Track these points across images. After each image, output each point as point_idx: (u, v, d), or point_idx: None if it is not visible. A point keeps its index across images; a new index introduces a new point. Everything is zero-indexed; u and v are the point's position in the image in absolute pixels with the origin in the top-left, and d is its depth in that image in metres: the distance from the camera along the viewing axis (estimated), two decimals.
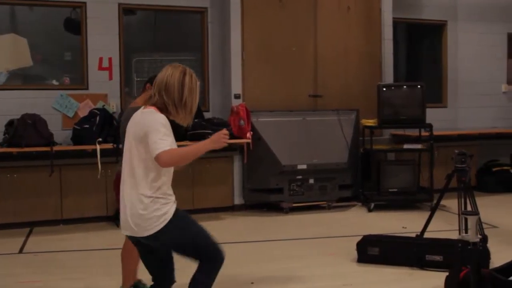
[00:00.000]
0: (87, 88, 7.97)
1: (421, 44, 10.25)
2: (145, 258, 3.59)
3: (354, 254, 5.78)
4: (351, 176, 8.40)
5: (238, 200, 8.28)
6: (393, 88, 8.53)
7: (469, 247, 4.11)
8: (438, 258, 5.40)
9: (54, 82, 7.99)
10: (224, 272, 3.59)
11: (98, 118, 7.38)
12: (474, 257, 4.09)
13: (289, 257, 5.95)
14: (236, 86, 8.26)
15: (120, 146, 4.32)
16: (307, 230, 7.22)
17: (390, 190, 8.35)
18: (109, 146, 7.27)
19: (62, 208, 7.50)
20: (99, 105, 7.91)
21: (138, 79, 8.52)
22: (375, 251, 5.62)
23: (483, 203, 8.31)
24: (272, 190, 8.07)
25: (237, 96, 8.26)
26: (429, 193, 8.23)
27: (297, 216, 7.96)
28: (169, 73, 3.47)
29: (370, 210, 8.11)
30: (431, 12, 9.77)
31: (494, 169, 9.62)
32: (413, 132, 8.77)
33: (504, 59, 10.23)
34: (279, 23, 8.49)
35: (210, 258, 3.46)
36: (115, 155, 7.33)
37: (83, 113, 7.82)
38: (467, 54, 9.99)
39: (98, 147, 7.18)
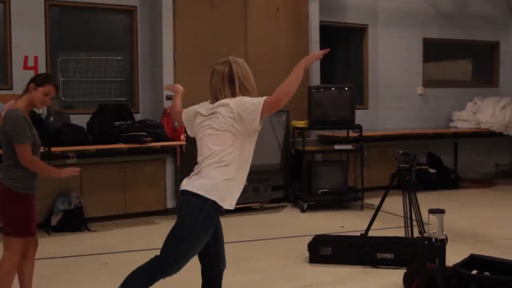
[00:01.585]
0: (11, 88, 7.54)
1: (345, 47, 10.47)
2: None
3: (304, 254, 5.81)
4: (283, 177, 8.44)
5: (171, 203, 8.11)
6: (322, 89, 8.66)
7: (436, 244, 4.21)
8: (389, 255, 5.53)
9: None
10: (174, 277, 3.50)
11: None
12: (442, 254, 4.19)
13: (238, 260, 5.88)
14: None
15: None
16: (247, 232, 7.18)
17: (321, 190, 8.47)
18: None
19: None
20: None
21: (64, 79, 8.15)
22: (327, 251, 5.67)
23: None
24: None
25: (169, 98, 8.07)
26: (360, 192, 8.41)
27: (233, 218, 7.88)
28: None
29: (303, 211, 8.18)
30: (353, 16, 10.02)
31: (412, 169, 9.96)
32: (341, 133, 8.94)
33: (420, 63, 10.65)
34: (210, 24, 8.41)
35: (167, 263, 3.40)
36: (47, 158, 7.01)
37: None
38: (386, 57, 10.32)
39: None
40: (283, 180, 8.48)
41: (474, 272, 4.44)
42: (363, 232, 6.00)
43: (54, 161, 7.09)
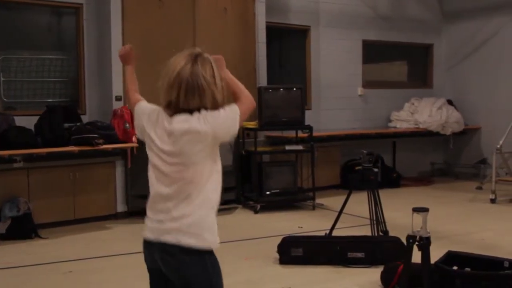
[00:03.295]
0: None
1: (289, 48, 10.50)
2: None
3: (272, 256, 5.77)
4: (235, 179, 8.38)
5: (121, 207, 7.87)
6: (272, 90, 8.64)
7: (421, 242, 4.27)
8: (360, 255, 5.57)
9: None
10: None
11: None
12: (427, 251, 4.26)
13: None
14: (118, 88, 7.83)
15: None
16: None
17: (272, 191, 8.45)
18: None
19: None
20: None
21: (5, 79, 7.74)
22: (298, 251, 5.65)
23: (356, 200, 8.75)
24: None
25: (118, 98, 7.85)
26: (311, 192, 8.45)
27: None
28: None
29: (256, 212, 8.14)
30: (297, 18, 10.07)
31: (356, 168, 10.11)
32: (288, 133, 8.97)
33: (360, 64, 10.84)
34: (159, 23, 8.23)
35: None
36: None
37: None
38: (328, 58, 10.43)
39: None
40: (234, 182, 8.40)
41: (455, 268, 4.54)
42: (326, 232, 6.03)
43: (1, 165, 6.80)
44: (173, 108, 2.63)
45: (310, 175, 8.58)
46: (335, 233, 5.97)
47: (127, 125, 7.56)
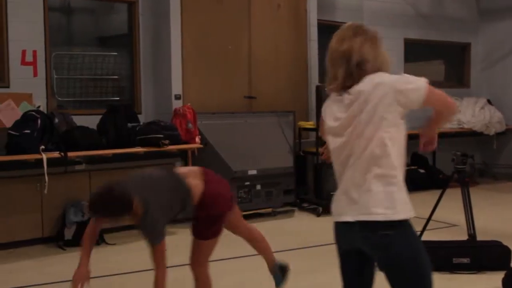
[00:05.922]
0: (8, 86, 6.71)
1: None
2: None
3: None
4: (294, 181, 8.09)
5: None
6: None
7: None
8: (465, 260, 5.32)
9: None
10: None
11: (39, 122, 6.20)
12: None
13: (303, 272, 5.47)
14: (177, 86, 7.51)
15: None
16: (279, 240, 6.72)
17: (331, 193, 8.13)
18: (55, 155, 6.17)
19: None
20: (23, 106, 6.70)
21: (57, 76, 7.36)
22: None
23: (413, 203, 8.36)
24: None
25: (177, 97, 7.52)
26: None
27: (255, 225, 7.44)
28: None
29: (318, 215, 7.85)
30: (341, 15, 9.80)
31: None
32: None
33: (402, 63, 10.62)
34: (216, 18, 7.92)
35: None
36: (64, 164, 6.30)
37: (5, 116, 6.57)
38: None
39: (44, 156, 6.05)
40: (294, 184, 8.11)
41: None
42: None
43: (62, 168, 6.42)
44: None
45: None
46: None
47: (190, 124, 7.24)
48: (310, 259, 5.92)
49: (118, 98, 7.72)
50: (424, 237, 5.62)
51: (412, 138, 10.19)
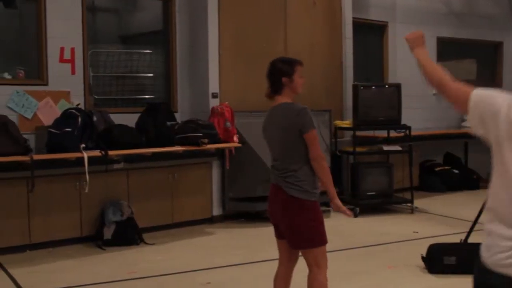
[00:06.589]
0: (46, 84, 6.62)
1: (365, 44, 10.09)
2: None
3: (412, 264, 5.44)
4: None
5: (217, 210, 7.43)
6: (370, 88, 8.24)
7: None
8: None
9: (6, 76, 6.49)
10: None
11: (79, 120, 6.11)
12: None
13: (347, 275, 5.35)
14: (214, 85, 7.40)
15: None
16: None
17: (368, 193, 8.03)
18: (96, 153, 6.08)
19: (30, 230, 6.10)
20: (62, 104, 6.62)
21: (93, 74, 7.27)
22: (451, 260, 5.24)
23: (448, 203, 8.24)
24: (257, 199, 7.33)
25: (215, 95, 7.41)
26: (410, 195, 8.06)
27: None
28: None
29: (356, 216, 7.71)
30: (375, 13, 9.67)
31: (436, 169, 9.75)
32: (380, 133, 8.58)
33: (434, 62, 10.43)
34: (253, 16, 7.81)
35: None
36: (105, 163, 6.21)
37: (44, 114, 6.50)
38: (403, 56, 10.02)
39: (85, 155, 5.95)
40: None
41: None
42: (462, 238, 5.63)
43: (102, 166, 6.32)
44: None
45: (405, 176, 8.21)
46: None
47: (228, 123, 7.13)
48: (356, 260, 5.81)
49: (153, 96, 7.61)
50: (471, 240, 5.53)
51: (445, 138, 9.92)
